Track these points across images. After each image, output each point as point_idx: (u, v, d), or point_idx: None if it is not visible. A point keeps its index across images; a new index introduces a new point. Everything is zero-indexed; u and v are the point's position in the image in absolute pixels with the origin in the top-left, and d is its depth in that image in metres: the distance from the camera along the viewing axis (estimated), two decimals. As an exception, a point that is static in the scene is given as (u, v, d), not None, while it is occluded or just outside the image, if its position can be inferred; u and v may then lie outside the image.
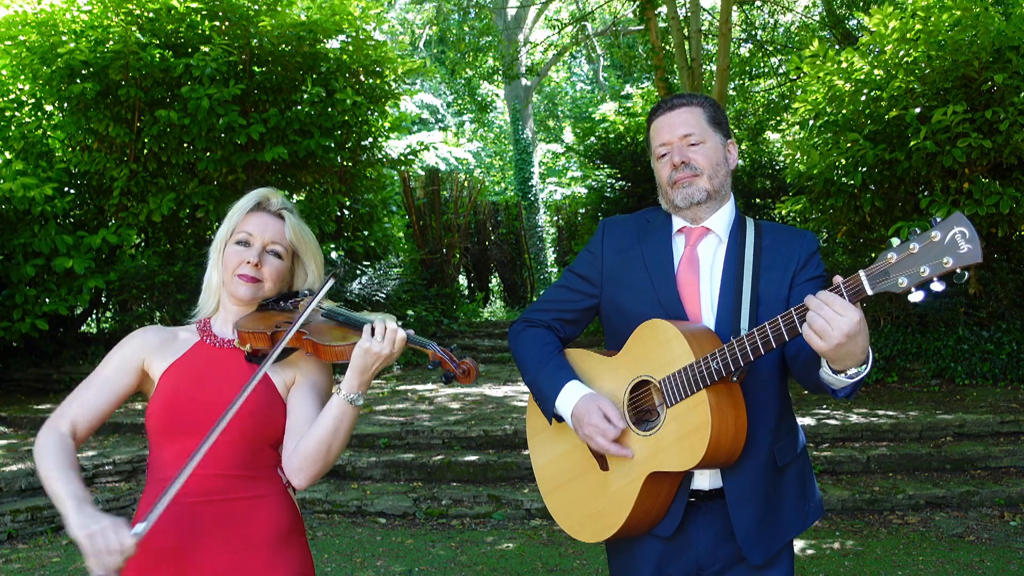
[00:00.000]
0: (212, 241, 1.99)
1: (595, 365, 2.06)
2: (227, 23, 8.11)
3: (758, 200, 11.56)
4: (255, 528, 1.80)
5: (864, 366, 1.68)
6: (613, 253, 2.11)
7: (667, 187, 2.05)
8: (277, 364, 1.88)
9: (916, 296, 1.52)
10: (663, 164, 2.06)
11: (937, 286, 1.50)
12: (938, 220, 1.50)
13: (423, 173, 14.39)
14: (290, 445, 1.83)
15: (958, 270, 1.47)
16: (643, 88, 17.04)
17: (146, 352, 1.90)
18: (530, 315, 2.19)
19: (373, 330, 1.72)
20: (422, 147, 10.97)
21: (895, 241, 1.54)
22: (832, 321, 1.57)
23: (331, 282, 1.88)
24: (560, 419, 2.03)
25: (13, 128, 8.07)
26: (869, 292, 1.56)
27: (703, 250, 2.03)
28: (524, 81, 19.35)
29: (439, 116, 25.89)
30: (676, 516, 1.97)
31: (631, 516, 1.93)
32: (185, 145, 8.16)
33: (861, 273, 1.57)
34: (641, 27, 12.98)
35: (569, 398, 1.99)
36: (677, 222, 2.08)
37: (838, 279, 1.62)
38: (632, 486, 1.92)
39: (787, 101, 12.34)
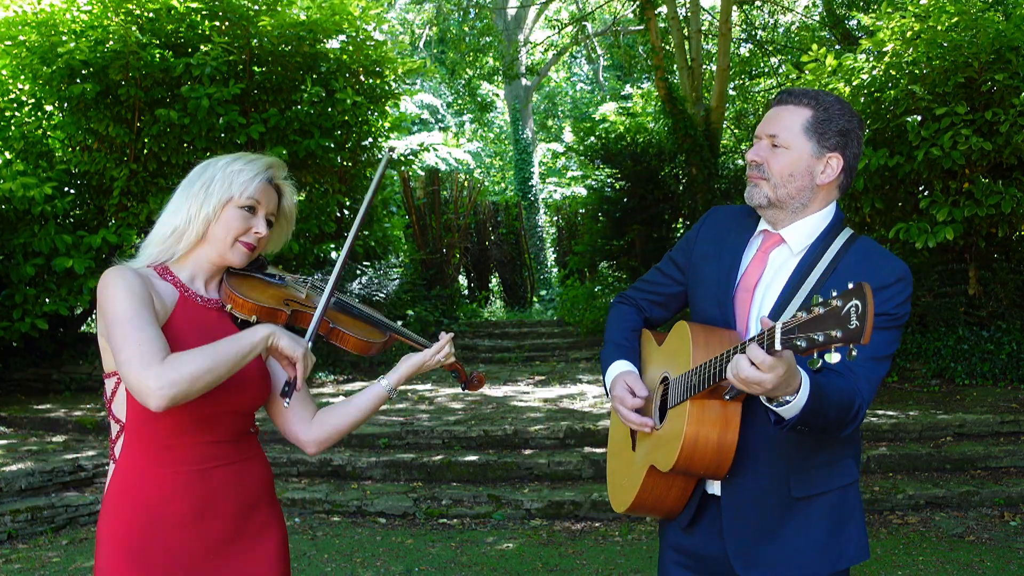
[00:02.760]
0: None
1: (650, 350, 2.15)
2: (227, 23, 8.10)
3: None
4: (251, 488, 1.90)
5: (794, 395, 1.61)
6: (704, 243, 2.09)
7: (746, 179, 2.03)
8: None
9: (816, 363, 1.43)
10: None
11: (833, 356, 1.39)
12: (850, 286, 1.40)
13: (423, 173, 14.40)
14: (303, 414, 1.99)
15: (848, 344, 1.37)
16: (643, 88, 17.04)
17: (150, 290, 1.76)
18: (627, 292, 2.30)
19: (443, 351, 2.04)
20: (422, 148, 10.97)
21: (817, 298, 1.44)
22: (750, 378, 1.53)
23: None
24: None
25: (13, 128, 8.06)
26: (778, 347, 1.48)
27: (774, 258, 1.96)
28: (524, 81, 19.35)
29: (439, 116, 25.89)
30: (691, 511, 2.00)
31: (638, 498, 2.00)
32: (185, 145, 8.15)
33: (777, 326, 1.49)
34: (641, 27, 12.99)
35: (611, 374, 2.11)
36: (763, 222, 2.02)
37: (765, 324, 1.53)
38: (641, 471, 1.99)
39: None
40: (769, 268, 1.95)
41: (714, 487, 1.96)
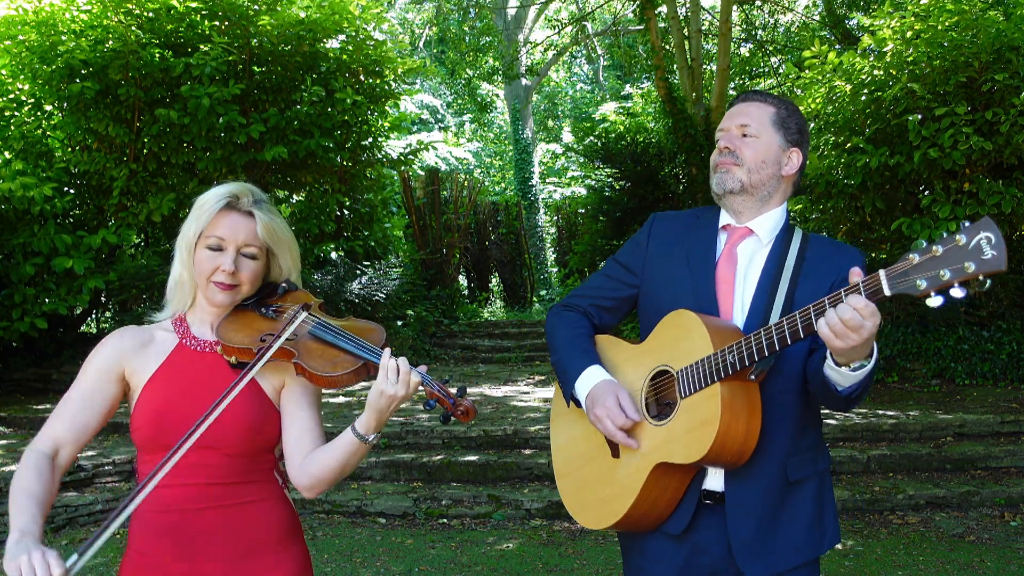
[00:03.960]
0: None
1: (620, 352, 2.07)
2: (227, 22, 8.10)
3: (758, 200, 11.55)
4: (255, 532, 1.82)
5: (868, 360, 1.66)
6: (658, 246, 2.10)
7: (712, 172, 2.05)
8: (265, 369, 1.84)
9: (935, 301, 1.47)
10: (715, 149, 2.06)
11: (957, 292, 1.44)
12: (966, 224, 1.44)
13: (423, 173, 14.40)
14: (295, 457, 1.83)
15: (980, 276, 1.41)
16: (643, 88, 17.04)
17: (124, 357, 1.84)
18: (569, 300, 2.22)
19: (388, 371, 1.71)
20: (422, 146, 10.96)
21: (921, 243, 1.49)
22: (852, 323, 1.55)
23: (302, 316, 1.84)
24: (578, 402, 2.03)
25: (13, 128, 8.06)
26: (887, 293, 1.52)
27: (743, 250, 2.01)
28: (524, 81, 19.34)
29: (439, 116, 25.89)
30: (686, 514, 1.94)
31: (634, 505, 1.91)
32: (185, 145, 8.15)
33: (881, 272, 1.53)
34: (641, 27, 12.99)
35: (588, 381, 1.99)
36: (723, 218, 2.06)
37: (857, 275, 1.57)
38: (639, 475, 1.90)
39: (787, 101, 12.33)
40: (741, 260, 1.99)
41: (713, 482, 1.94)
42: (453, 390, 1.75)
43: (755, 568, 1.89)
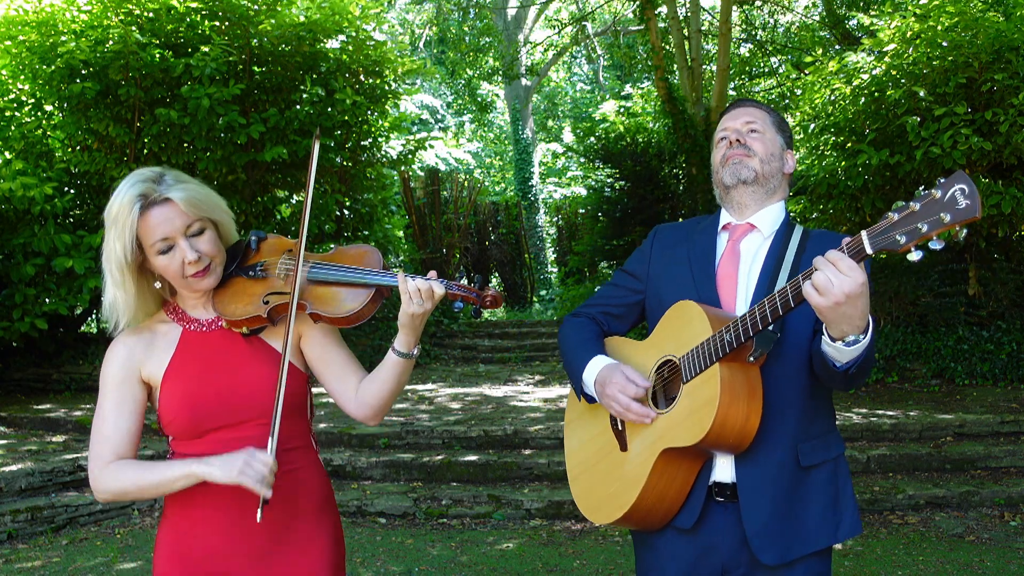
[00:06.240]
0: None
1: (628, 349, 2.12)
2: (227, 23, 8.10)
3: (758, 200, 11.56)
4: (299, 499, 1.86)
5: (863, 335, 1.68)
6: (661, 250, 2.17)
7: (719, 167, 2.09)
8: (273, 330, 1.89)
9: (914, 255, 1.51)
10: (720, 147, 2.11)
11: (936, 244, 1.49)
12: (942, 180, 1.50)
13: (423, 173, 14.41)
14: (348, 392, 1.91)
15: (956, 226, 1.46)
16: (643, 88, 17.04)
17: (136, 359, 1.84)
18: (579, 309, 2.28)
19: (411, 294, 1.77)
20: (419, 146, 10.94)
21: (900, 203, 1.55)
22: (834, 279, 1.58)
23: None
24: (590, 398, 2.07)
25: (13, 128, 8.06)
26: (869, 250, 1.57)
27: (746, 245, 2.05)
28: (524, 81, 19.35)
29: (439, 116, 25.88)
30: (696, 507, 1.95)
31: (641, 496, 1.92)
32: (185, 145, 8.15)
33: (863, 233, 1.58)
34: (641, 27, 12.99)
35: (593, 369, 2.04)
36: (724, 217, 2.10)
37: (844, 240, 1.63)
38: (645, 465, 1.92)
39: (787, 101, 12.35)
40: (745, 255, 2.03)
41: (721, 474, 1.95)
42: (474, 286, 1.82)
43: (769, 554, 1.90)
